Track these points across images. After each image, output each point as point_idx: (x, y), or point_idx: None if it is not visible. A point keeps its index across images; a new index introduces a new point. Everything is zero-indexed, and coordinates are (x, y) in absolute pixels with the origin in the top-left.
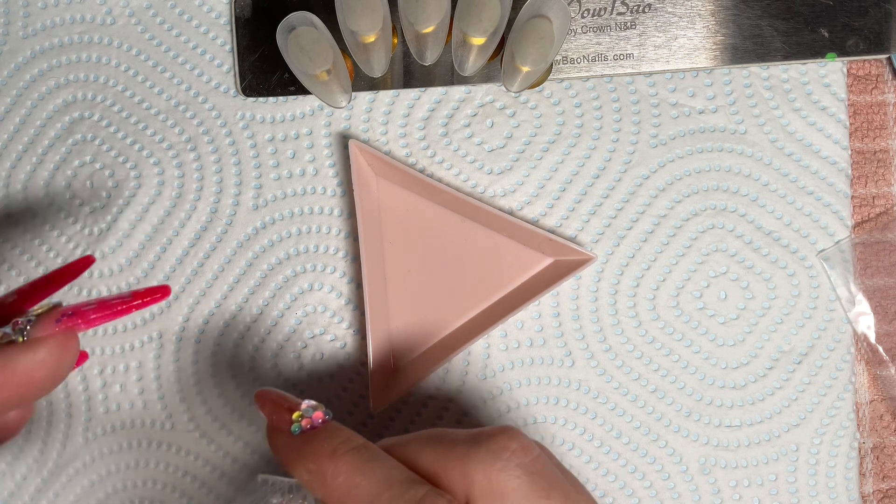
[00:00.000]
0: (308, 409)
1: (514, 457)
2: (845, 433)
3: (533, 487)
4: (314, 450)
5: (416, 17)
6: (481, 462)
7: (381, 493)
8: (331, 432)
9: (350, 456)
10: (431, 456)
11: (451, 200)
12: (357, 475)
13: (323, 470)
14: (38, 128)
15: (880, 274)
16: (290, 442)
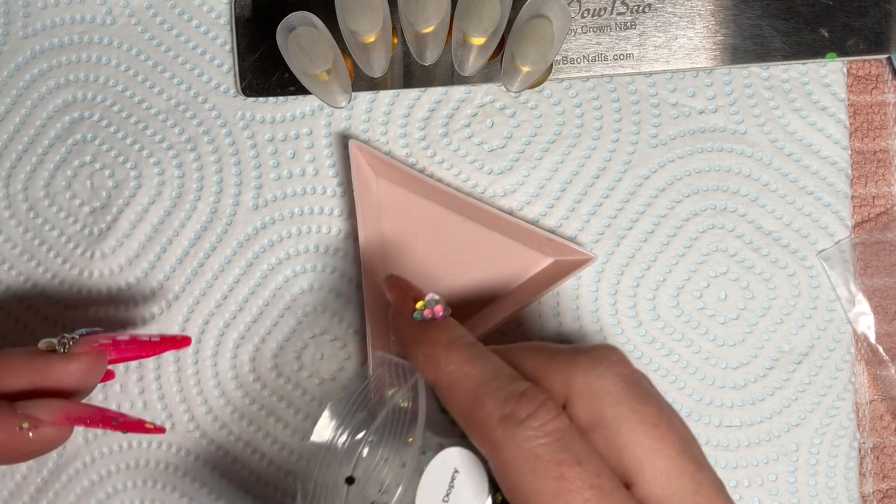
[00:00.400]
0: (431, 301)
1: (614, 366)
2: (845, 433)
3: (629, 395)
4: (432, 338)
5: (416, 17)
6: (582, 367)
7: (488, 383)
8: (449, 325)
9: (464, 349)
10: (535, 362)
11: (451, 200)
12: (467, 365)
13: (437, 356)
14: (38, 128)
15: (880, 274)
16: (411, 327)
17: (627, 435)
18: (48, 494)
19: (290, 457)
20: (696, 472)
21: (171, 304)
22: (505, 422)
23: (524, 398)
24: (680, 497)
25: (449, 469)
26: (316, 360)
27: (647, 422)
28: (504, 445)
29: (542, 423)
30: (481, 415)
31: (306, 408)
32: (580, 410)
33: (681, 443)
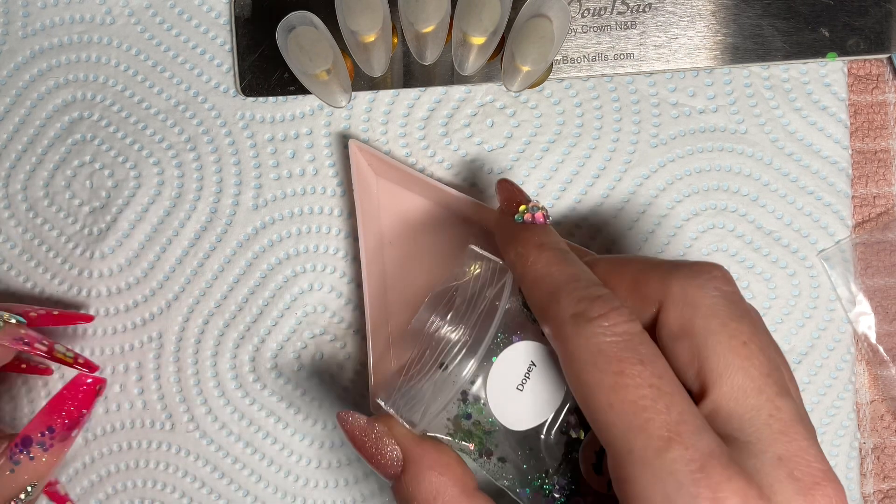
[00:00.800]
0: (534, 206)
1: (715, 280)
2: (845, 433)
3: (724, 309)
4: (525, 238)
5: (416, 17)
6: (682, 275)
7: (567, 284)
8: (544, 230)
9: (553, 252)
10: (637, 267)
11: (451, 200)
12: (552, 266)
13: (527, 255)
14: (37, 127)
15: (881, 274)
16: (510, 226)
17: (713, 347)
18: None
19: (290, 457)
20: (777, 397)
21: (171, 303)
22: (575, 318)
23: (598, 300)
24: (751, 416)
25: (525, 360)
26: (316, 360)
27: (737, 338)
28: (571, 339)
29: (611, 323)
30: (555, 310)
31: (306, 408)
32: (672, 317)
33: (768, 366)
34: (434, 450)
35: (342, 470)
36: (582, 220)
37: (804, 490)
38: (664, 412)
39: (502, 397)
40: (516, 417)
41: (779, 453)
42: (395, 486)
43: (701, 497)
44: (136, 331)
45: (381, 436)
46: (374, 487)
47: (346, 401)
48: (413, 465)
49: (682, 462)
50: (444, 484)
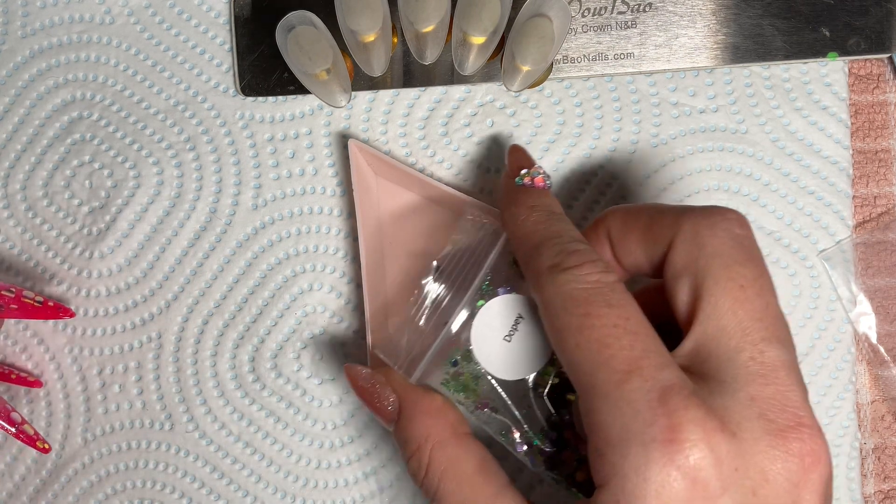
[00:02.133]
0: (535, 171)
1: (727, 223)
2: (846, 433)
3: (732, 251)
4: (521, 200)
5: (416, 17)
6: (694, 216)
7: (549, 239)
8: (540, 193)
9: (541, 213)
10: (652, 209)
11: (451, 200)
12: (539, 224)
13: (517, 214)
14: (36, 127)
15: (881, 274)
16: (510, 187)
17: (710, 287)
18: (47, 495)
19: (289, 457)
20: (763, 342)
21: (171, 304)
22: (551, 269)
23: (575, 253)
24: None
25: (511, 312)
26: (316, 360)
27: (735, 280)
28: (546, 287)
29: (584, 273)
30: (536, 263)
31: (306, 408)
32: (677, 254)
33: (762, 312)
34: (426, 396)
35: (342, 470)
36: (582, 220)
37: (776, 431)
38: (627, 348)
39: (488, 345)
40: (503, 367)
41: (752, 394)
42: (393, 431)
43: (657, 424)
44: (135, 331)
45: (380, 384)
46: (374, 488)
47: (346, 401)
48: (407, 410)
49: (640, 392)
50: (434, 427)
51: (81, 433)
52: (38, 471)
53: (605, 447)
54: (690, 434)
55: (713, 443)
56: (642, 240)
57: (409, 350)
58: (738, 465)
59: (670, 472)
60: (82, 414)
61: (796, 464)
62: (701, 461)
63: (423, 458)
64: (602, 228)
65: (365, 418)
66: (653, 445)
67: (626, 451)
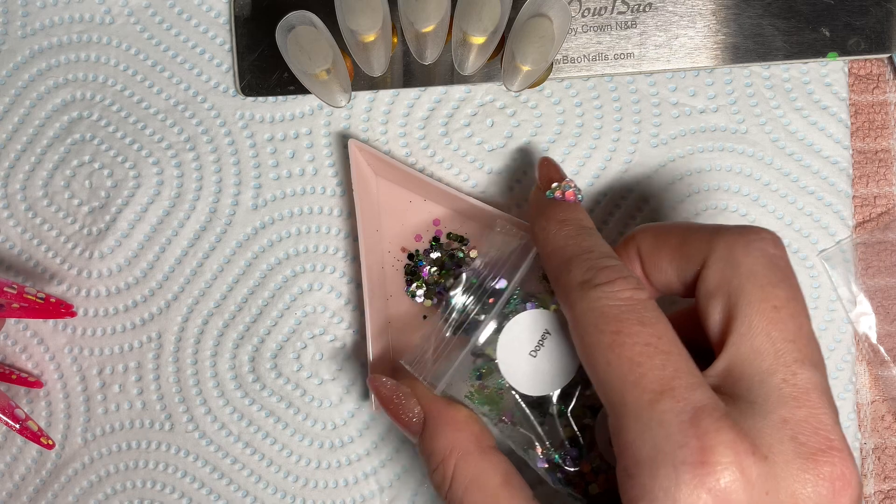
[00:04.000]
0: (566, 185)
1: (762, 243)
2: (846, 433)
3: (767, 272)
4: (551, 213)
5: (416, 17)
6: (729, 235)
7: (580, 255)
8: (571, 207)
9: (573, 227)
10: (684, 227)
11: (451, 200)
12: (570, 239)
13: (548, 228)
14: (36, 127)
15: (882, 274)
16: (540, 200)
17: (743, 307)
18: (47, 495)
19: (289, 457)
20: (795, 363)
21: (171, 304)
22: (582, 285)
23: (606, 269)
24: (762, 379)
25: (539, 328)
26: (316, 360)
27: (769, 301)
28: (577, 304)
29: (616, 290)
30: (566, 279)
31: (306, 408)
32: (711, 274)
33: (795, 333)
34: (451, 409)
35: (342, 470)
36: None
37: (807, 454)
38: (659, 368)
39: (513, 360)
40: (529, 383)
41: (784, 416)
42: (418, 443)
43: (689, 446)
44: (135, 331)
45: (405, 396)
46: (374, 488)
47: (346, 401)
48: (432, 422)
49: (672, 413)
50: (458, 439)
51: (81, 433)
52: (39, 470)
53: (634, 467)
54: (722, 457)
55: (744, 466)
56: (674, 258)
57: (434, 361)
58: (769, 488)
59: (701, 494)
60: (82, 414)
61: (827, 488)
62: (732, 484)
63: (448, 470)
64: (632, 246)
65: (365, 418)
66: (683, 468)
67: (656, 472)
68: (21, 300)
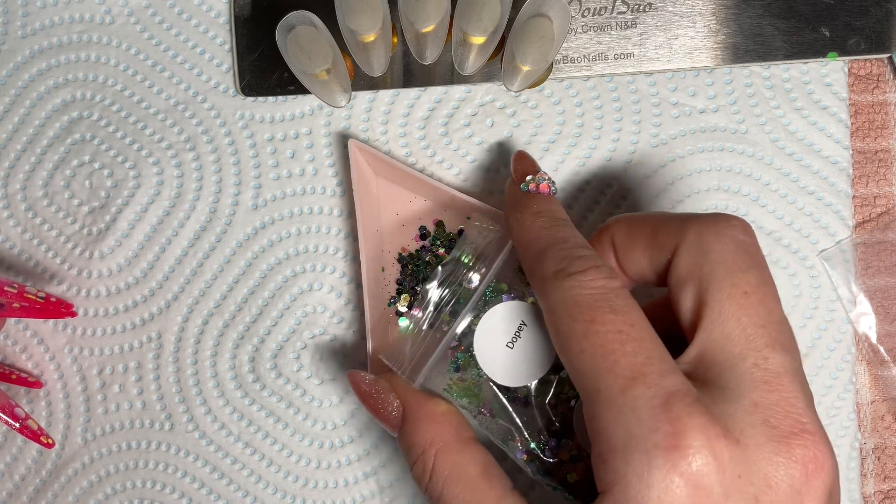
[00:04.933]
0: (540, 177)
1: (731, 230)
2: (846, 433)
3: (737, 258)
4: (525, 205)
5: (416, 17)
6: (699, 223)
7: (554, 245)
8: (545, 199)
9: (546, 219)
10: (657, 217)
11: (451, 200)
12: (544, 230)
13: (522, 220)
14: (36, 127)
15: (882, 274)
16: (515, 193)
17: (714, 294)
18: (47, 495)
19: (289, 457)
20: (766, 348)
21: (171, 304)
22: (556, 275)
23: (579, 259)
24: (734, 364)
25: (514, 319)
26: (316, 360)
27: (739, 287)
28: (551, 293)
29: (589, 279)
30: (540, 269)
31: (306, 408)
32: (682, 261)
33: (765, 318)
34: (430, 402)
35: (342, 470)
36: (582, 220)
37: (779, 437)
38: (631, 355)
39: (490, 352)
40: (506, 374)
41: (755, 400)
42: (398, 437)
43: (660, 431)
44: (135, 331)
45: (383, 390)
46: (374, 488)
47: (346, 401)
48: (411, 416)
49: (644, 399)
50: (438, 432)
51: (81, 433)
52: (39, 471)
53: (608, 453)
54: (693, 440)
55: (716, 449)
56: (647, 248)
57: (412, 355)
58: (741, 471)
59: (673, 478)
60: (82, 414)
61: (799, 470)
62: (704, 467)
63: (428, 463)
64: (606, 237)
65: (365, 418)
66: (655, 452)
67: (630, 457)
68: (21, 300)
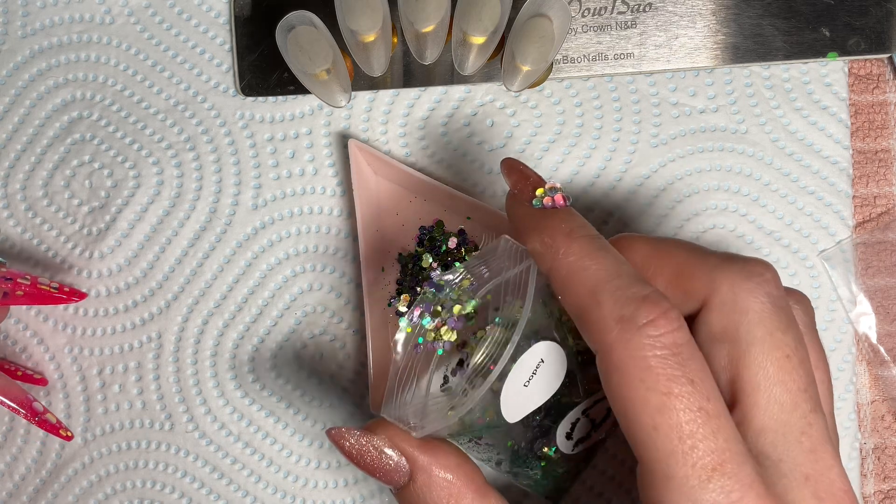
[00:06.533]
0: (552, 189)
1: (766, 284)
2: (846, 433)
3: (772, 317)
4: (551, 226)
5: (416, 17)
6: (732, 276)
7: (608, 281)
8: (569, 214)
9: (585, 240)
10: (683, 256)
11: (451, 200)
12: (588, 259)
13: (556, 246)
14: (36, 127)
15: (882, 274)
16: (529, 212)
17: (755, 357)
18: (47, 495)
19: (289, 457)
20: (810, 413)
21: (171, 304)
22: (622, 324)
23: (646, 302)
24: (784, 432)
25: (537, 359)
26: (316, 360)
27: (780, 350)
28: (617, 348)
29: (661, 332)
30: (597, 313)
31: (306, 408)
32: (715, 318)
33: (805, 380)
34: (441, 453)
35: (342, 470)
36: None
37: None
38: (710, 438)
39: (512, 397)
40: (514, 411)
41: (806, 472)
42: (401, 494)
43: None
44: (135, 331)
45: (380, 447)
46: (374, 488)
47: (346, 401)
48: (422, 473)
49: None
50: (456, 486)
51: (81, 433)
52: (39, 470)
53: None
54: None
55: None
56: (669, 287)
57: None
58: None
59: None
60: (82, 414)
61: None
62: None
63: None
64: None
65: (365, 418)
66: None
67: None
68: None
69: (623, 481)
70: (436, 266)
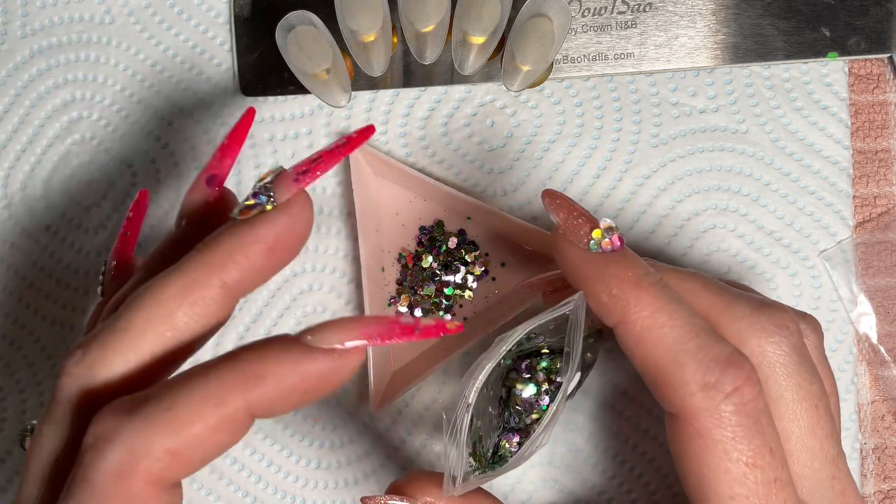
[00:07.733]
0: (609, 230)
1: (791, 336)
2: (847, 434)
3: (799, 369)
4: (618, 275)
5: (416, 16)
6: (760, 330)
7: (688, 341)
8: (632, 260)
9: (655, 290)
10: (709, 303)
11: (451, 200)
12: (662, 314)
13: (626, 298)
14: (36, 127)
15: (882, 274)
16: (587, 258)
17: (787, 407)
18: None
19: (289, 457)
20: (836, 458)
21: None
22: (707, 391)
23: (731, 367)
24: (819, 478)
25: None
26: None
27: (809, 400)
28: (702, 416)
29: (745, 401)
30: (679, 376)
31: (305, 408)
32: None
33: (830, 426)
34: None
35: (341, 470)
36: None
37: None
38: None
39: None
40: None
41: None
42: None
43: None
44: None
45: None
46: (374, 488)
47: (347, 401)
48: None
49: None
50: None
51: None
52: None
53: None
54: None
55: None
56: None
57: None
58: None
59: None
60: None
61: None
62: None
63: None
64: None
65: (365, 419)
66: None
67: None
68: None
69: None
70: (436, 266)
